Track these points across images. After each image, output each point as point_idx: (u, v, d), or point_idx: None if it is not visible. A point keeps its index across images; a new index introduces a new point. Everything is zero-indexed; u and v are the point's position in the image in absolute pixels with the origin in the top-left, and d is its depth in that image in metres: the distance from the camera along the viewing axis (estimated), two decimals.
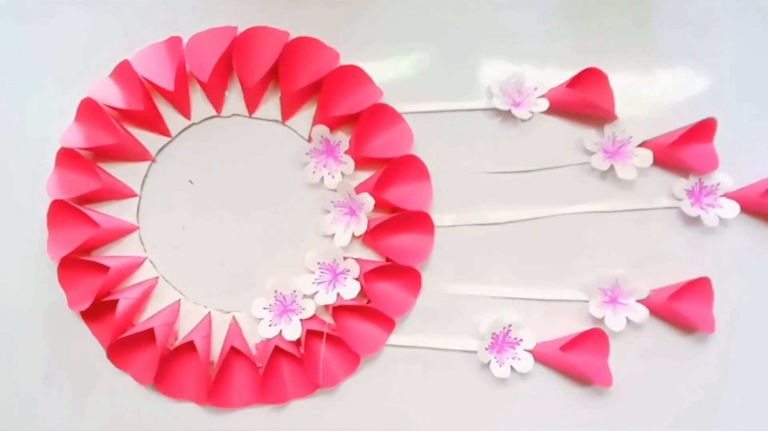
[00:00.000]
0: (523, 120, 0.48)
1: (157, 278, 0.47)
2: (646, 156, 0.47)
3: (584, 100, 0.46)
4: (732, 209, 0.47)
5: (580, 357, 0.45)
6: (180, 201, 0.48)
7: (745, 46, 0.49)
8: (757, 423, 0.47)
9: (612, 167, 0.47)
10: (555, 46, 0.49)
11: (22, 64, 0.49)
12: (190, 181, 0.48)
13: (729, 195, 0.47)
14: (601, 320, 0.46)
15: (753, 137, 0.48)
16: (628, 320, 0.46)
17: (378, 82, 0.47)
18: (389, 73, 0.48)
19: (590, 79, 0.47)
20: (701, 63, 0.49)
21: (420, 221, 0.46)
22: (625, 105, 0.47)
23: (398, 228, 0.46)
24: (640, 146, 0.47)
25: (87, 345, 0.46)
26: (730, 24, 0.49)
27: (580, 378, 0.46)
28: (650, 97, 0.49)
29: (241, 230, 0.48)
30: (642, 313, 0.46)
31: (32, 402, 0.47)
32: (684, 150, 0.46)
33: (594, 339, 0.46)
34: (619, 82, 0.47)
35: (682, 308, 0.45)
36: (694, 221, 0.47)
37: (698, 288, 0.45)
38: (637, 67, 0.49)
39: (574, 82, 0.47)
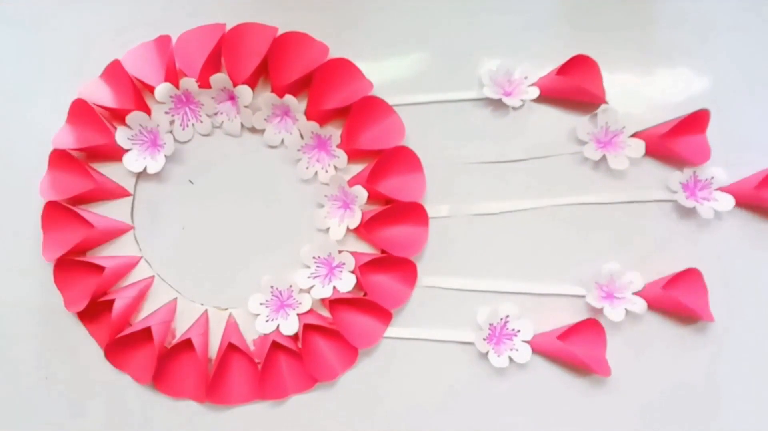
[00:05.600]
0: (514, 108, 0.48)
1: (153, 277, 0.47)
2: (639, 146, 0.47)
3: (574, 87, 0.46)
4: (727, 202, 0.47)
5: (577, 347, 0.45)
6: (175, 199, 0.48)
7: (745, 46, 0.49)
8: (754, 414, 0.47)
9: (604, 157, 0.47)
10: (553, 46, 0.49)
11: (13, 66, 0.49)
12: (190, 181, 0.48)
13: (723, 189, 0.47)
14: (600, 311, 0.46)
15: (747, 132, 0.48)
16: (627, 312, 0.46)
17: (368, 75, 0.47)
18: (379, 67, 0.48)
19: (580, 65, 0.47)
20: (700, 63, 0.49)
21: (414, 213, 0.46)
22: (624, 104, 0.48)
23: (392, 220, 0.46)
24: (632, 136, 0.48)
25: (85, 345, 0.46)
26: (729, 24, 0.50)
27: (579, 367, 0.46)
28: (649, 97, 0.49)
29: (235, 227, 0.48)
30: (640, 304, 0.46)
31: (31, 402, 0.47)
32: (676, 141, 0.46)
33: (590, 329, 0.46)
34: (617, 81, 0.48)
35: (680, 298, 0.45)
36: (687, 214, 0.47)
37: (689, 279, 0.45)
38: (636, 67, 0.49)
39: (564, 69, 0.47)
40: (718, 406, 0.47)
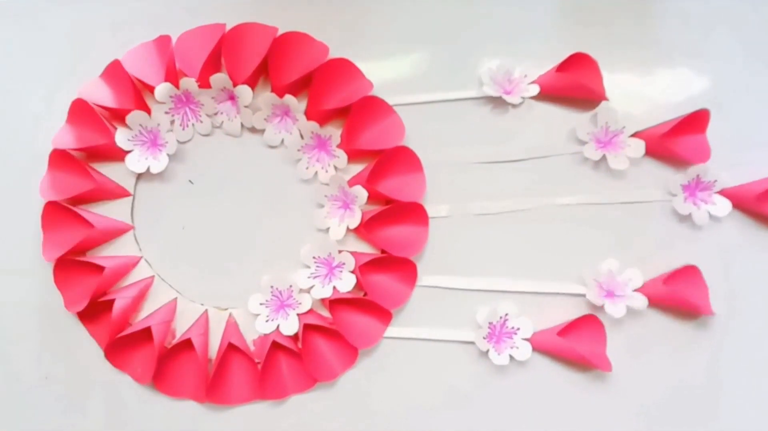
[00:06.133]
0: (514, 106, 0.48)
1: (153, 277, 0.47)
2: (639, 146, 0.47)
3: (574, 83, 0.46)
4: (724, 207, 0.47)
5: (577, 343, 0.45)
6: (175, 200, 0.48)
7: (746, 45, 0.49)
8: (755, 412, 0.47)
9: (604, 157, 0.47)
10: (554, 46, 0.48)
11: (13, 66, 0.49)
12: (190, 181, 0.48)
13: (725, 191, 0.47)
14: (599, 309, 0.46)
15: (748, 132, 0.48)
16: (628, 308, 0.46)
17: (368, 76, 0.47)
18: (379, 67, 0.48)
19: (579, 63, 0.47)
20: (701, 63, 0.49)
21: (414, 212, 0.46)
22: (624, 104, 0.48)
23: (392, 220, 0.46)
24: (632, 136, 0.48)
25: (85, 345, 0.46)
26: (730, 23, 0.49)
27: (580, 363, 0.46)
28: (650, 97, 0.49)
29: (235, 227, 0.48)
30: (641, 300, 0.46)
31: (31, 402, 0.47)
32: (676, 141, 0.46)
33: (589, 325, 0.46)
34: (618, 81, 0.48)
35: (680, 292, 0.45)
36: (686, 215, 0.47)
37: (688, 276, 0.46)
38: (637, 67, 0.49)
39: (563, 67, 0.47)
40: (719, 405, 0.47)
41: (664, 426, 0.46)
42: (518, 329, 0.46)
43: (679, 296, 0.45)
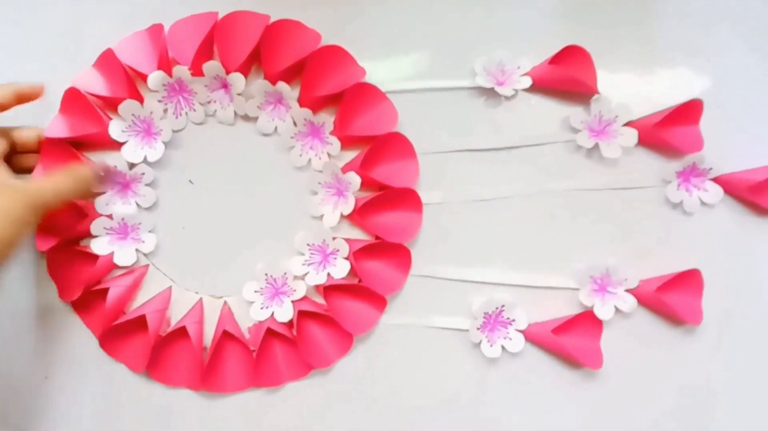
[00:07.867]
0: (507, 98, 0.48)
1: (147, 265, 0.47)
2: (631, 135, 0.47)
3: (567, 77, 0.47)
4: (715, 194, 0.47)
5: (571, 340, 0.45)
6: (169, 189, 0.48)
7: (747, 43, 0.49)
8: (747, 407, 0.47)
9: (597, 146, 0.47)
10: (552, 43, 0.48)
11: (5, 56, 0.49)
12: (190, 181, 0.48)
13: (719, 179, 0.47)
14: (590, 308, 0.46)
15: (754, 134, 0.48)
16: (617, 309, 0.46)
17: (361, 62, 0.47)
18: (375, 64, 0.48)
19: (572, 56, 0.47)
20: (701, 61, 0.49)
21: (407, 199, 0.46)
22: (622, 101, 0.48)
23: (386, 206, 0.46)
24: (625, 125, 0.48)
25: (79, 334, 0.46)
26: (729, 21, 0.49)
27: (570, 360, 0.46)
28: (649, 96, 0.49)
29: (229, 215, 0.48)
30: (630, 302, 0.46)
31: (25, 393, 0.47)
32: (669, 131, 0.47)
33: (587, 322, 0.46)
34: (616, 80, 0.48)
35: (671, 300, 0.45)
36: (678, 202, 0.48)
37: (688, 280, 0.46)
38: (637, 67, 0.49)
39: (557, 59, 0.47)
40: (714, 400, 0.47)
41: (657, 420, 0.47)
42: (513, 320, 0.46)
43: (668, 307, 0.45)
